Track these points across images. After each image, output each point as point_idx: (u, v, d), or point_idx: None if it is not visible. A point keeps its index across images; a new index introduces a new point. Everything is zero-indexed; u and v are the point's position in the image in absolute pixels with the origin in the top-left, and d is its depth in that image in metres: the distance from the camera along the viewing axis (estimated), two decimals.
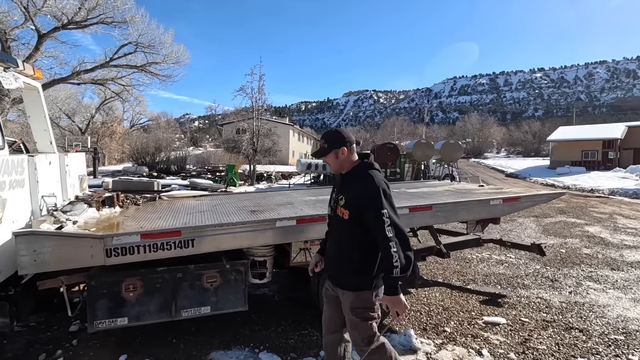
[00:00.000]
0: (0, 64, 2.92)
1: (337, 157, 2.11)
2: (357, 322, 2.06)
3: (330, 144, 2.13)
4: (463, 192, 4.44)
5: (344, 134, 2.15)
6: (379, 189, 1.94)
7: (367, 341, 2.05)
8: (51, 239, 2.34)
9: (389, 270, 1.86)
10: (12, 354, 2.95)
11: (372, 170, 2.07)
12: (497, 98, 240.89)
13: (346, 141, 2.11)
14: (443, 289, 4.55)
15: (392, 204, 1.98)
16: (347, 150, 2.10)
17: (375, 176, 2.02)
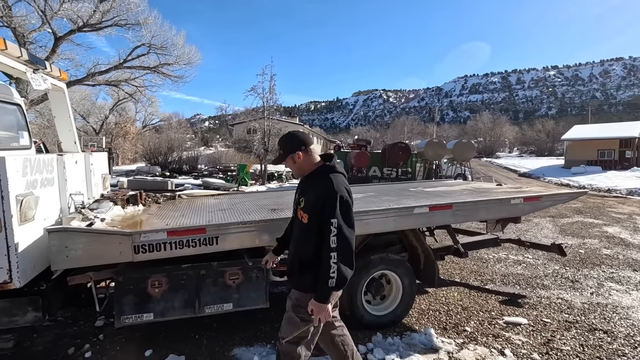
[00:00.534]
0: (31, 65, 3.02)
1: (295, 161, 2.09)
2: (295, 321, 2.03)
3: (285, 150, 2.10)
4: (481, 191, 4.41)
5: (298, 137, 2.11)
6: (336, 196, 1.89)
7: (296, 341, 2.03)
8: (82, 236, 2.40)
9: (324, 278, 1.85)
10: (43, 347, 3.04)
11: (333, 173, 2.01)
12: (509, 96, 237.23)
13: (301, 145, 2.07)
14: (461, 289, 4.52)
15: (348, 213, 1.91)
16: (303, 153, 2.07)
17: (334, 180, 1.96)
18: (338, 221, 1.86)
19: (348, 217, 1.91)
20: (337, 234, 1.85)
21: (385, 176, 17.84)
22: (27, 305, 2.48)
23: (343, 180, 2.03)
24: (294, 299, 2.09)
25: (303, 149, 2.07)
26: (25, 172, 2.38)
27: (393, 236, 3.69)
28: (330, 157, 2.14)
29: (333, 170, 2.04)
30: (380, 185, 5.68)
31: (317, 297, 1.90)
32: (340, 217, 1.87)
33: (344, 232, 1.87)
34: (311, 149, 2.11)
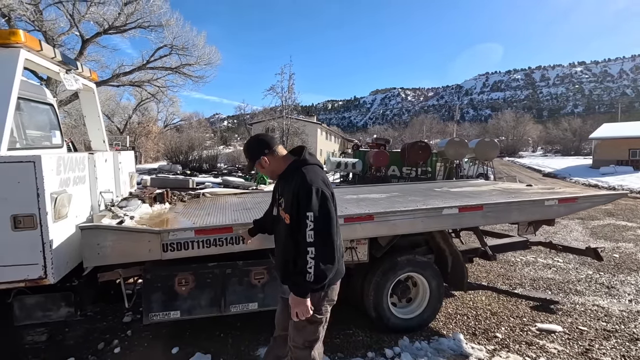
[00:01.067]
0: (63, 66, 3.08)
1: (263, 166, 2.03)
2: (302, 324, 1.94)
3: (250, 158, 2.06)
4: (512, 191, 4.24)
5: (260, 141, 2.05)
6: (311, 189, 1.80)
7: (308, 344, 1.95)
8: (114, 233, 2.43)
9: (302, 272, 1.77)
10: (74, 341, 3.11)
11: (306, 166, 1.93)
12: (532, 94, 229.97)
13: (264, 149, 2.01)
14: (489, 293, 4.37)
15: (325, 204, 1.80)
16: (268, 157, 2.01)
17: (307, 174, 1.87)
18: (314, 214, 1.77)
19: (325, 209, 1.80)
20: (313, 228, 1.76)
21: (404, 175, 17.59)
22: (60, 300, 2.53)
23: (317, 171, 1.94)
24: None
25: (267, 152, 2.01)
26: (59, 171, 2.43)
27: (419, 237, 3.60)
28: (300, 150, 2.07)
29: (305, 163, 1.96)
30: (403, 185, 5.57)
31: (295, 291, 1.83)
32: (316, 210, 1.78)
33: (320, 225, 1.77)
34: (276, 150, 2.04)
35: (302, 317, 1.85)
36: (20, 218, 2.20)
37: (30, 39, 2.47)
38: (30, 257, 2.24)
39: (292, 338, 2.01)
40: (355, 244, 3.14)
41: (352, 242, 3.13)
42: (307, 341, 1.96)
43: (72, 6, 16.20)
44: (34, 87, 3.63)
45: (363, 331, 3.33)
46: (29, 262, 2.24)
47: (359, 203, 3.61)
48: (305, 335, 1.95)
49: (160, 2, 18.48)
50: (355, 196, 4.14)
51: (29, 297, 2.48)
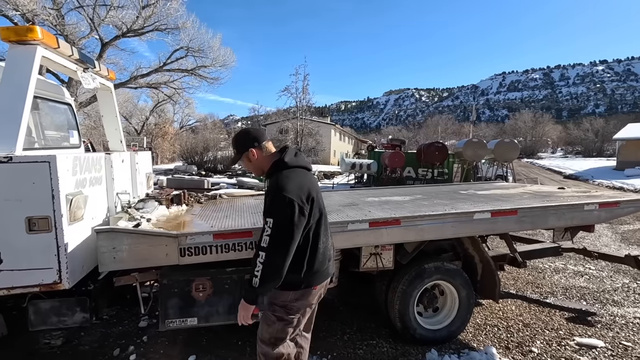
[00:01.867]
0: (81, 64, 3.02)
1: (250, 160, 1.97)
2: (271, 320, 1.91)
3: (238, 149, 1.98)
4: (544, 195, 3.98)
5: (250, 134, 1.98)
6: (278, 194, 1.73)
7: (273, 341, 1.91)
8: (130, 237, 2.33)
9: (250, 277, 1.76)
10: (89, 346, 3.04)
11: (284, 170, 1.85)
12: (551, 94, 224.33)
13: (253, 142, 1.93)
14: (519, 302, 4.12)
15: (289, 214, 1.71)
16: (257, 150, 1.93)
17: (281, 178, 1.79)
18: (274, 220, 1.71)
19: (287, 219, 1.72)
20: (270, 234, 1.71)
21: (420, 177, 17.26)
22: (75, 305, 2.45)
23: (294, 176, 1.83)
24: (269, 297, 1.95)
25: (256, 146, 1.93)
26: (75, 171, 2.35)
27: (444, 242, 3.40)
28: (283, 150, 1.97)
29: (283, 166, 1.87)
30: (425, 187, 5.36)
31: (243, 296, 1.82)
32: (278, 216, 1.72)
33: (278, 233, 1.71)
34: (266, 145, 1.97)
35: (244, 322, 1.83)
36: (35, 220, 2.12)
37: (47, 36, 2.40)
38: (44, 261, 2.16)
39: (260, 331, 1.98)
40: (380, 249, 2.97)
41: (376, 247, 2.96)
42: (273, 337, 1.92)
43: (93, 10, 16.55)
44: (52, 86, 3.59)
45: (387, 342, 3.15)
46: (44, 266, 2.16)
47: (382, 206, 3.44)
48: (271, 331, 1.91)
49: (177, 5, 18.70)
50: (377, 199, 3.96)
51: (44, 302, 2.40)
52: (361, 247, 2.93)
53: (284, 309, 1.87)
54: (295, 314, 1.90)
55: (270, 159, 1.95)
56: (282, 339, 1.91)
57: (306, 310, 1.95)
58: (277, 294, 1.88)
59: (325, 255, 1.94)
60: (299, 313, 1.91)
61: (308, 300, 1.91)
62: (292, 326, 1.91)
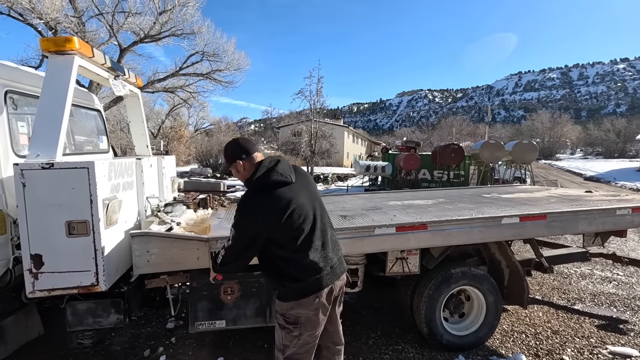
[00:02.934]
0: (112, 72, 3.11)
1: (238, 171, 1.95)
2: (277, 327, 2.01)
3: (227, 159, 1.99)
4: (572, 198, 3.89)
5: (239, 144, 1.96)
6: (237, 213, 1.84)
7: (281, 347, 1.96)
8: (163, 241, 2.39)
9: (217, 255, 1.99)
10: (120, 346, 3.11)
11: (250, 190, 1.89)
12: (569, 93, 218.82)
13: (241, 153, 1.91)
14: (545, 308, 4.03)
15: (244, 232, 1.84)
16: (245, 162, 1.91)
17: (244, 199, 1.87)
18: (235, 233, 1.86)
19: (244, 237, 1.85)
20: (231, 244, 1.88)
21: (435, 179, 17.06)
22: (110, 307, 2.52)
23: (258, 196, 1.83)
24: (275, 305, 2.05)
25: (244, 158, 1.91)
26: (110, 176, 2.42)
27: (469, 247, 3.36)
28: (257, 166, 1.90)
29: (254, 184, 1.87)
30: (447, 190, 5.30)
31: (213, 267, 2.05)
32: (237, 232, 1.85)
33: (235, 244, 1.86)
34: (255, 157, 1.93)
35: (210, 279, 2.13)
36: (75, 224, 2.19)
37: (83, 46, 2.48)
38: (83, 263, 2.22)
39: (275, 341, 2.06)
40: (406, 254, 2.95)
41: (402, 252, 2.95)
42: (281, 344, 1.96)
43: (112, 17, 16.98)
44: (83, 93, 3.71)
45: (413, 347, 3.13)
46: (82, 269, 2.23)
47: (407, 210, 3.42)
48: (278, 337, 1.98)
49: (193, 10, 19.02)
50: (400, 202, 3.94)
51: (81, 303, 2.48)
52: (387, 252, 2.92)
53: (283, 317, 1.92)
54: (295, 323, 1.89)
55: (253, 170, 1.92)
56: (286, 346, 1.93)
57: (309, 319, 1.90)
58: (279, 303, 1.94)
59: (316, 267, 1.88)
60: (299, 322, 1.89)
61: (306, 309, 1.88)
62: (294, 335, 1.89)
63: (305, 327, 1.91)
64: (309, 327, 1.92)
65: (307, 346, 1.95)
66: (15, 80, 2.57)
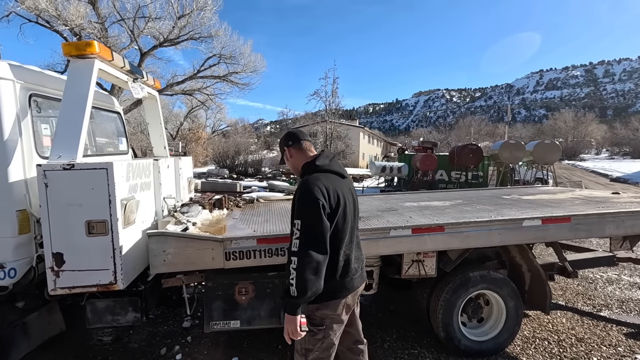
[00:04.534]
0: (131, 75, 3.18)
1: (287, 159, 2.01)
2: None
3: (280, 149, 2.03)
4: (598, 200, 3.73)
5: (288, 133, 2.02)
6: (304, 195, 1.70)
7: (304, 352, 1.87)
8: (179, 240, 2.42)
9: (286, 287, 1.67)
10: (138, 344, 3.17)
11: (312, 173, 1.82)
12: (594, 91, 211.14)
13: (288, 141, 1.96)
14: (569, 314, 3.87)
15: (313, 216, 1.66)
16: (292, 149, 1.96)
17: (307, 181, 1.76)
18: (302, 221, 1.67)
19: (313, 220, 1.67)
20: (299, 237, 1.66)
21: (453, 180, 16.75)
22: (128, 305, 2.56)
23: (323, 178, 1.78)
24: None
25: (290, 144, 1.97)
26: (129, 177, 2.46)
27: (488, 250, 3.26)
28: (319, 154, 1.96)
29: (314, 168, 1.84)
30: (465, 191, 5.18)
31: (285, 309, 1.74)
32: (306, 217, 1.68)
33: (308, 234, 1.66)
34: (303, 145, 1.97)
35: (292, 336, 1.74)
36: (94, 224, 2.24)
37: (103, 49, 2.54)
38: (102, 262, 2.27)
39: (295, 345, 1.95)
40: (422, 256, 2.89)
41: (418, 254, 2.89)
42: (303, 348, 1.88)
43: (133, 22, 17.46)
44: (103, 96, 3.81)
45: (429, 352, 3.06)
46: (101, 268, 2.28)
47: (423, 212, 3.35)
48: (301, 341, 1.86)
49: (210, 14, 19.34)
50: (416, 204, 3.87)
51: (100, 301, 2.54)
52: (402, 254, 2.87)
53: (308, 319, 1.82)
54: (320, 325, 1.85)
55: (304, 160, 1.95)
56: (310, 350, 1.87)
57: (334, 320, 1.87)
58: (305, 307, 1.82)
59: (349, 267, 1.87)
60: (325, 324, 1.86)
61: (332, 311, 1.85)
62: (319, 338, 1.85)
63: (331, 328, 1.88)
64: (334, 328, 1.89)
65: (330, 349, 1.92)
66: (39, 84, 2.65)
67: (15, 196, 2.31)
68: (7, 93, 2.34)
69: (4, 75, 2.34)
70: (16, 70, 2.44)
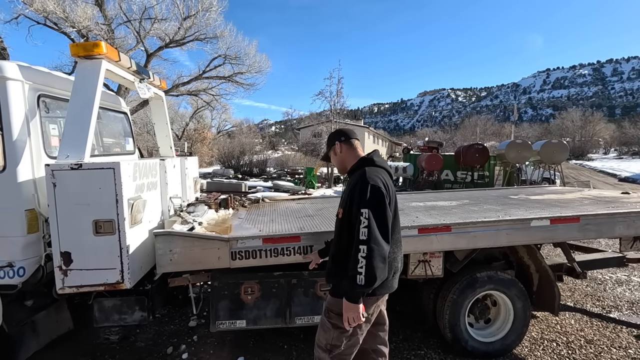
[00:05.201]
0: (138, 75, 3.20)
1: (335, 153, 2.05)
2: (327, 327, 1.90)
3: (328, 145, 2.08)
4: (608, 200, 3.68)
5: (340, 130, 2.07)
6: (368, 185, 1.74)
7: (329, 347, 1.88)
8: (185, 240, 2.43)
9: (352, 275, 1.68)
10: (145, 343, 3.19)
11: (370, 167, 1.88)
12: (602, 90, 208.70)
13: (340, 136, 2.02)
14: (578, 315, 3.83)
15: (381, 204, 1.72)
16: (342, 145, 2.01)
17: (369, 172, 1.81)
18: (369, 212, 1.70)
19: (381, 209, 1.73)
20: (367, 225, 1.68)
21: (458, 180, 16.63)
22: (135, 304, 2.58)
23: (380, 172, 1.87)
24: (327, 303, 1.97)
25: (342, 140, 2.02)
26: (135, 177, 2.48)
27: (495, 250, 3.23)
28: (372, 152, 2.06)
29: (370, 163, 1.92)
30: (471, 191, 5.14)
31: (347, 297, 1.76)
32: (374, 206, 1.71)
33: (373, 224, 1.69)
34: (353, 142, 2.04)
35: (353, 323, 1.78)
36: (101, 223, 2.25)
37: (110, 50, 2.55)
38: (109, 261, 2.28)
39: (317, 336, 1.98)
40: (429, 257, 2.87)
41: (425, 254, 2.87)
42: (329, 344, 1.89)
43: (139, 24, 17.58)
44: (110, 96, 3.84)
45: (436, 353, 3.04)
46: (108, 267, 2.29)
47: (429, 212, 3.33)
48: (327, 337, 1.89)
49: (215, 15, 19.40)
50: (422, 204, 3.85)
51: (107, 300, 2.55)
52: (409, 254, 2.85)
53: (339, 317, 1.83)
54: (353, 324, 1.82)
55: (354, 156, 2.01)
56: (337, 346, 1.87)
57: (366, 318, 1.87)
58: (335, 301, 1.86)
59: (392, 265, 1.88)
60: (359, 327, 1.86)
61: (367, 308, 1.84)
62: (347, 335, 1.86)
63: (360, 327, 1.88)
64: (362, 327, 1.89)
65: (354, 347, 1.93)
66: (47, 84, 2.67)
67: (24, 196, 2.33)
68: (16, 93, 2.37)
69: (13, 76, 2.37)
70: (25, 71, 2.46)
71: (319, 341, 1.94)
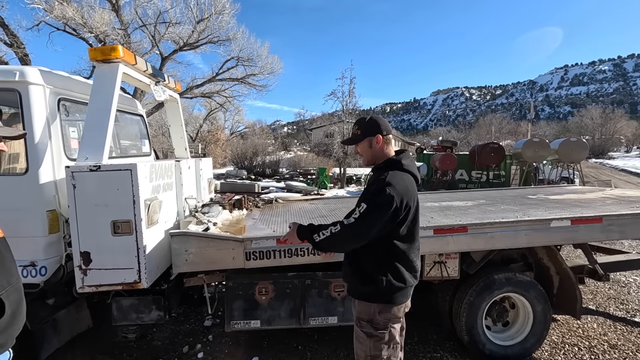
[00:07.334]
0: (153, 78, 3.25)
1: (371, 146, 1.88)
2: (361, 336, 1.83)
3: (364, 131, 1.88)
4: (632, 200, 3.54)
5: (380, 122, 1.90)
6: (382, 187, 1.69)
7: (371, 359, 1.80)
8: (201, 240, 2.45)
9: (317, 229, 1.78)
10: (161, 342, 3.24)
11: (395, 171, 1.79)
12: (624, 86, 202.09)
13: (382, 129, 1.87)
14: (600, 319, 3.70)
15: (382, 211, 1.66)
16: (382, 139, 1.86)
17: (392, 177, 1.73)
18: (367, 208, 1.68)
19: (379, 215, 1.67)
20: (358, 217, 1.68)
21: (473, 180, 16.35)
22: (152, 303, 2.62)
23: (405, 178, 1.78)
24: (356, 311, 1.89)
25: (384, 134, 1.88)
26: (152, 178, 2.51)
27: (513, 251, 3.15)
28: (402, 152, 1.94)
29: (398, 166, 1.83)
30: (487, 191, 5.04)
31: (299, 231, 1.86)
32: (373, 207, 1.67)
33: (363, 221, 1.67)
34: (391, 140, 1.93)
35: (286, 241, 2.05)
36: (119, 224, 2.29)
37: (127, 54, 2.60)
38: (126, 261, 2.33)
39: (355, 349, 1.90)
40: (445, 258, 2.83)
41: (440, 256, 2.82)
42: (369, 356, 1.81)
43: (154, 28, 17.93)
44: (127, 99, 3.91)
45: (452, 356, 2.99)
46: (126, 267, 2.33)
47: (445, 212, 3.28)
48: (365, 349, 1.82)
49: (228, 17, 19.62)
50: (437, 204, 3.79)
51: (125, 299, 2.60)
52: (424, 255, 2.81)
53: (370, 324, 1.79)
54: (384, 329, 1.79)
55: (387, 153, 1.91)
56: (378, 356, 1.79)
57: (396, 321, 1.84)
58: (362, 308, 1.82)
59: (417, 270, 1.87)
60: (388, 327, 1.80)
61: (396, 313, 1.82)
62: (385, 342, 1.80)
63: (394, 328, 1.84)
64: (396, 328, 1.85)
65: (398, 348, 1.88)
66: (67, 88, 2.74)
67: (46, 197, 2.39)
68: (37, 97, 2.43)
69: (35, 80, 2.43)
70: (46, 75, 2.53)
71: (358, 355, 1.86)
